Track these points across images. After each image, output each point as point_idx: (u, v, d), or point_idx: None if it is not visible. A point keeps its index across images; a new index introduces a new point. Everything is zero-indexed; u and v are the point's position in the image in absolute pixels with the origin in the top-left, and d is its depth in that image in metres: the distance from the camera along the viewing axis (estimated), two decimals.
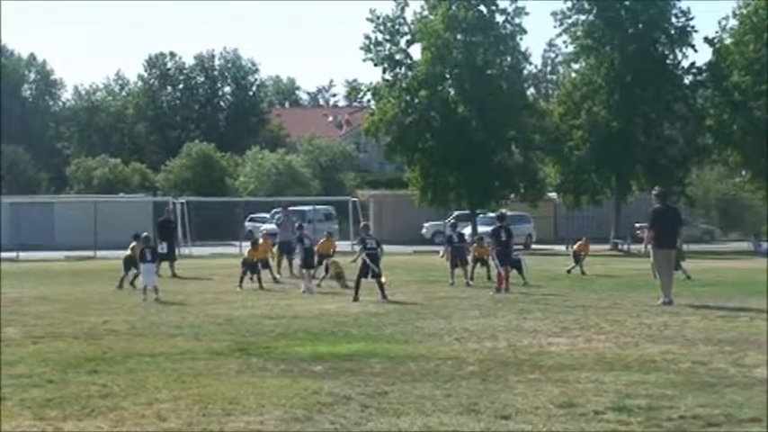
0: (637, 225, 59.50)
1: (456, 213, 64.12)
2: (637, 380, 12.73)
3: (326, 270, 30.22)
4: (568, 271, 34.89)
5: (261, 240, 32.78)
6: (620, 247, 57.14)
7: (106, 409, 11.21)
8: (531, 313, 21.00)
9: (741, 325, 18.68)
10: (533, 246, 62.18)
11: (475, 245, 33.00)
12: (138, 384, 12.68)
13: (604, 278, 33.02)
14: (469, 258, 31.48)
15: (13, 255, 48.81)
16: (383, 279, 25.17)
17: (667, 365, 13.90)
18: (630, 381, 12.65)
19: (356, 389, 12.26)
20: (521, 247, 60.98)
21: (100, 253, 50.32)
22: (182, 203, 55.90)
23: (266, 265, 31.10)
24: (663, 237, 23.43)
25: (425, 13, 59.90)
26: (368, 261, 25.21)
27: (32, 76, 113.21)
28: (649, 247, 23.76)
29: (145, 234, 29.74)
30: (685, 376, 13.02)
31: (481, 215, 61.01)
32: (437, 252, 46.76)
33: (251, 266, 30.01)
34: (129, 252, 29.62)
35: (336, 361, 14.41)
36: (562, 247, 53.59)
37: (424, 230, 65.17)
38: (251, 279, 29.52)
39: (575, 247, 37.21)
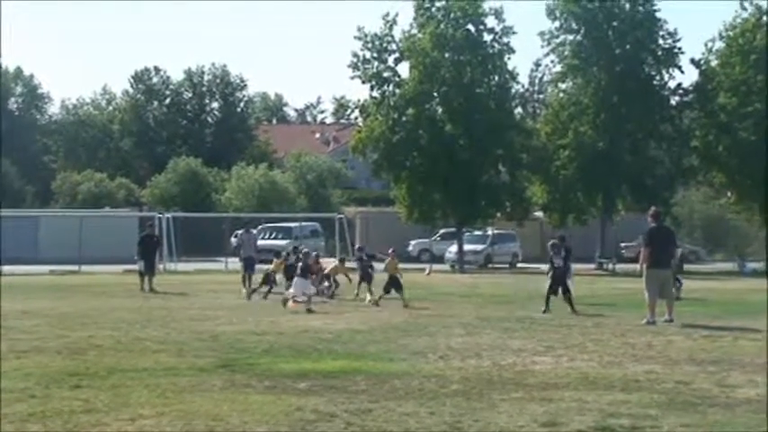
0: (622, 245, 59.73)
1: (442, 231, 64.27)
2: (620, 399, 12.74)
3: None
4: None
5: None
6: (605, 266, 57.22)
7: (89, 425, 11.17)
8: (516, 332, 21.02)
9: (725, 345, 18.73)
10: (519, 264, 62.26)
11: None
12: (122, 400, 12.64)
13: (589, 297, 32.98)
14: None
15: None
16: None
17: (651, 385, 13.92)
18: (614, 400, 12.66)
19: (340, 406, 12.25)
20: (506, 265, 61.36)
21: (84, 267, 50.23)
22: (167, 218, 55.82)
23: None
24: (657, 257, 23.46)
25: (414, 31, 59.98)
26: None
27: (19, 89, 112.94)
28: (644, 266, 23.78)
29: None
30: (668, 396, 13.03)
31: (467, 233, 61.08)
32: (423, 270, 46.94)
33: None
34: (272, 267, 32.14)
35: (321, 378, 14.40)
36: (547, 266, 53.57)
37: (410, 248, 65.17)
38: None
39: None
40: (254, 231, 37.81)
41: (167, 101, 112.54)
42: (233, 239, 38.46)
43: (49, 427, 11.09)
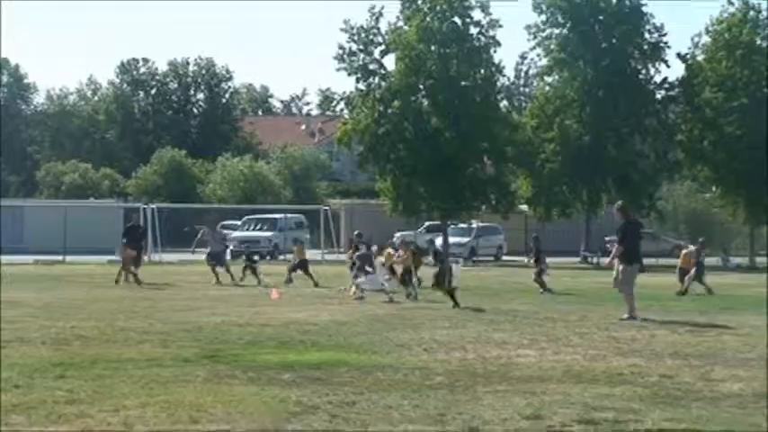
0: (607, 239, 59.92)
1: (427, 224, 64.27)
2: (604, 392, 12.74)
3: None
4: (682, 293, 31.87)
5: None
6: (589, 260, 57.31)
7: (72, 416, 11.12)
8: (501, 325, 21.02)
9: (709, 340, 18.75)
10: (504, 257, 62.33)
11: None
12: (105, 391, 12.60)
13: (574, 291, 33.03)
14: None
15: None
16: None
17: (635, 378, 13.93)
18: (598, 393, 12.67)
19: (324, 398, 12.24)
20: (491, 258, 61.41)
21: (69, 258, 50.14)
22: (152, 209, 55.74)
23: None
24: (634, 252, 23.37)
25: (400, 23, 60.02)
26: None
27: (4, 79, 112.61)
28: (615, 261, 23.60)
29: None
30: (652, 390, 13.04)
31: (452, 226, 61.12)
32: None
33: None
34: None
35: (305, 370, 14.37)
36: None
37: (395, 240, 65.11)
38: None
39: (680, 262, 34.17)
40: (219, 229, 38.40)
41: (153, 91, 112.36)
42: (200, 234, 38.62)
43: (33, 417, 11.05)
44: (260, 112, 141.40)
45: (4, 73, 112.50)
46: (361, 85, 60.35)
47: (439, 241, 58.97)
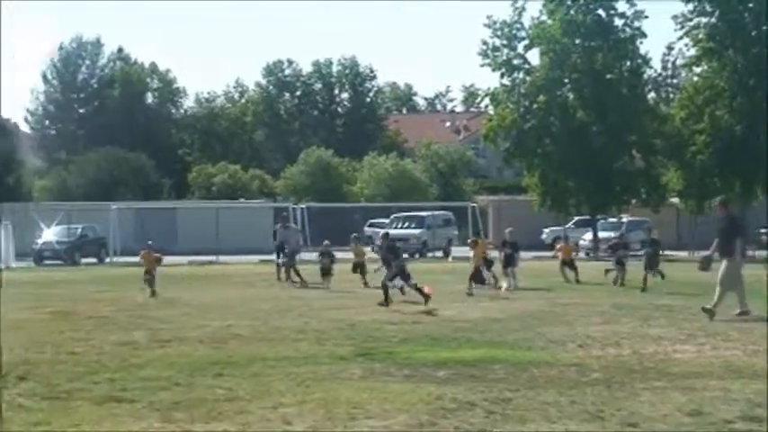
0: (762, 230, 58.45)
1: (576, 219, 63.69)
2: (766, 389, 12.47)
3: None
4: None
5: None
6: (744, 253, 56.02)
7: (232, 413, 11.34)
8: (656, 320, 20.72)
9: None
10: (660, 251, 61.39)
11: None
12: (263, 388, 12.80)
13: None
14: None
15: (137, 259, 49.58)
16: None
17: None
18: (760, 389, 12.40)
19: (480, 395, 12.24)
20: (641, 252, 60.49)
21: (222, 258, 50.95)
22: (302, 209, 56.32)
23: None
24: (735, 246, 22.50)
25: (543, 17, 59.53)
26: None
27: (155, 84, 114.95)
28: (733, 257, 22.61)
29: None
30: None
31: (602, 220, 60.45)
32: (557, 258, 46.48)
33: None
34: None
35: (459, 367, 14.38)
36: (684, 253, 52.79)
37: (544, 236, 64.76)
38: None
39: None
40: (293, 226, 38.07)
41: (298, 92, 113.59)
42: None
43: (194, 414, 11.28)
44: (404, 110, 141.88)
45: (154, 78, 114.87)
46: (506, 81, 60.11)
47: (588, 236, 58.60)
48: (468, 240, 33.06)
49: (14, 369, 14.49)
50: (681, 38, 62.06)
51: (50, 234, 54.78)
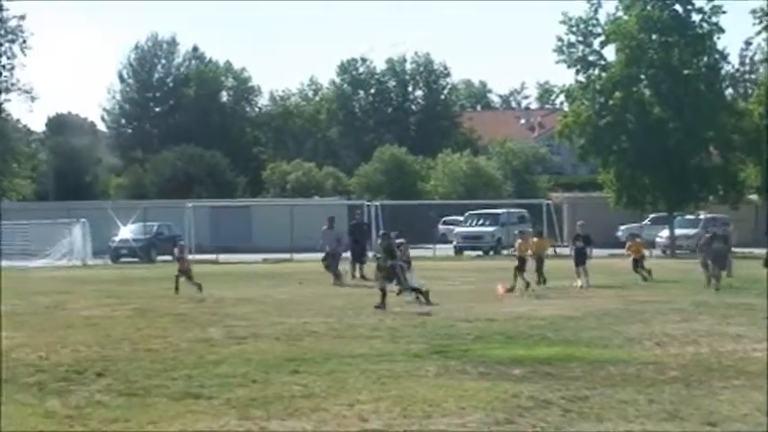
0: None
1: (652, 216, 63.11)
2: None
3: None
4: None
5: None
6: None
7: (308, 410, 11.38)
8: (734, 318, 20.48)
9: None
10: (733, 249, 60.66)
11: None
12: (339, 385, 12.83)
13: None
14: None
15: (212, 257, 50.05)
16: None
17: None
18: None
19: (556, 393, 12.18)
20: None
21: (296, 256, 51.14)
22: (376, 206, 56.39)
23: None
24: None
25: (619, 13, 59.01)
26: None
27: (230, 82, 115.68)
28: None
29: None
30: None
31: (678, 218, 59.84)
32: (629, 256, 46.11)
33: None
34: None
35: (535, 364, 14.32)
36: (763, 251, 52.08)
37: (619, 233, 64.22)
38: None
39: None
40: (336, 226, 37.41)
41: (372, 90, 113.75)
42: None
43: (271, 411, 11.33)
44: (479, 108, 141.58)
45: (229, 77, 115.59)
46: (581, 77, 59.68)
47: (665, 233, 58.03)
48: (516, 232, 32.89)
49: (92, 366, 14.67)
50: (759, 33, 61.34)
51: (127, 232, 55.32)
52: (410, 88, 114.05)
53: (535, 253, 30.56)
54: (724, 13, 58.21)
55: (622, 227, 64.59)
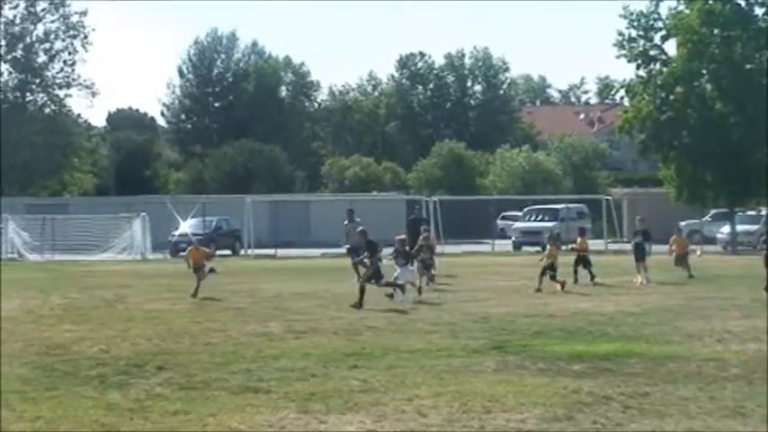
0: None
1: (713, 212, 62.57)
2: None
3: None
4: None
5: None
6: None
7: (367, 404, 11.38)
8: None
9: None
10: None
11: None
12: (398, 380, 12.82)
13: None
14: None
15: (271, 252, 50.22)
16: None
17: None
18: None
19: (616, 389, 12.11)
20: None
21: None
22: (434, 202, 56.33)
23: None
24: None
25: (681, 7, 58.50)
26: None
27: (289, 77, 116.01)
28: None
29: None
30: None
31: (739, 214, 59.25)
32: (694, 251, 45.75)
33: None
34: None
35: (595, 360, 14.24)
36: None
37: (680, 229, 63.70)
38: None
39: None
40: (358, 220, 36.67)
41: (431, 85, 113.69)
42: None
43: (330, 405, 11.35)
44: (538, 103, 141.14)
45: (288, 72, 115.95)
46: (642, 72, 59.25)
47: (726, 229, 57.49)
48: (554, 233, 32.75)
49: (153, 359, 14.77)
50: None
51: (186, 226, 55.49)
52: (469, 83, 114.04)
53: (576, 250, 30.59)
54: None
55: (683, 223, 64.05)
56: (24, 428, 10.59)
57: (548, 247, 28.77)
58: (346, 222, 36.09)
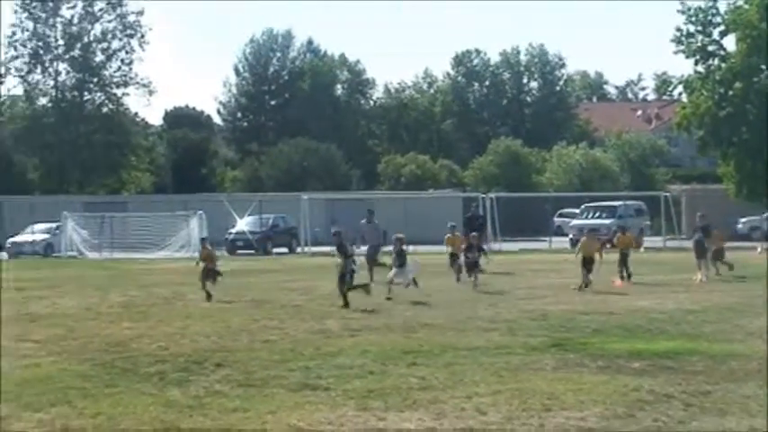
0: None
1: None
2: None
3: None
4: None
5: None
6: None
7: (426, 402, 11.37)
8: None
9: None
10: None
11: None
12: (457, 378, 12.79)
13: None
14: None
15: (327, 249, 50.24)
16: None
17: None
18: None
19: (677, 387, 12.02)
20: None
21: (411, 248, 51.08)
22: (491, 199, 56.19)
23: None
24: None
25: (740, 2, 58.02)
26: None
27: (345, 75, 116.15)
28: None
29: None
30: None
31: None
32: (755, 248, 45.31)
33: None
34: None
35: (655, 358, 14.14)
36: None
37: (740, 226, 63.10)
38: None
39: None
40: (377, 221, 36.33)
41: (487, 82, 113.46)
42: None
43: (389, 402, 11.33)
44: (595, 99, 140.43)
45: (343, 70, 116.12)
46: (700, 68, 58.86)
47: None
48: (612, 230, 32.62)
49: (211, 356, 14.83)
50: None
51: (243, 224, 55.90)
52: (525, 80, 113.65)
53: (617, 248, 30.41)
54: None
55: (742, 219, 63.47)
56: (85, 425, 10.67)
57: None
58: (364, 221, 35.88)
